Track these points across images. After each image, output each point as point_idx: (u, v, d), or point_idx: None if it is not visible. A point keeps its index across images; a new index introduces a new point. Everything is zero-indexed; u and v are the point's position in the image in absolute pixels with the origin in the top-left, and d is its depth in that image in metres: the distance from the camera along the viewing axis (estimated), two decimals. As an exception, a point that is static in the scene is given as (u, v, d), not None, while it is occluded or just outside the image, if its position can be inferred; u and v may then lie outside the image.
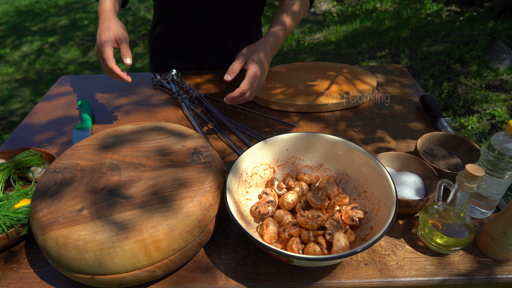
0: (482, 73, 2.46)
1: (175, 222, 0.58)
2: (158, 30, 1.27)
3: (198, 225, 0.61)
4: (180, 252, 0.60)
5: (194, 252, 0.63)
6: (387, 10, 3.99)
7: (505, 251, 0.63)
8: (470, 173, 0.57)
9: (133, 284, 0.59)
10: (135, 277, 0.58)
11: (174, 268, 0.61)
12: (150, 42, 1.32)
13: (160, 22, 1.25)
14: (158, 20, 1.26)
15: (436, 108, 0.98)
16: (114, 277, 0.57)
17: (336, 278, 0.62)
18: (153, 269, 0.58)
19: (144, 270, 0.57)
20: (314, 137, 0.77)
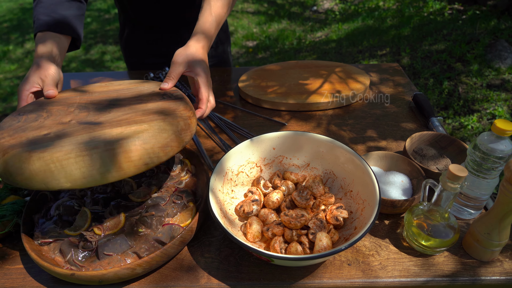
0: (483, 72, 2.44)
1: (147, 136, 0.56)
2: (127, 32, 1.25)
3: (170, 143, 0.59)
4: (161, 250, 0.60)
5: (175, 250, 0.63)
6: (390, 9, 3.96)
7: (489, 252, 0.62)
8: (453, 174, 0.56)
9: (114, 281, 0.59)
10: (115, 275, 0.58)
11: (155, 266, 0.61)
12: (122, 45, 1.30)
13: (127, 24, 1.24)
14: (125, 22, 1.25)
15: (428, 108, 0.97)
16: (94, 274, 0.57)
17: (318, 278, 0.62)
18: (133, 267, 0.58)
19: (124, 268, 0.57)
20: (301, 136, 0.76)
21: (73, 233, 0.66)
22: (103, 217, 0.69)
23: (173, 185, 0.76)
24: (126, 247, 0.63)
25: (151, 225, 0.67)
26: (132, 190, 0.75)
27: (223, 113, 1.04)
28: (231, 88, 1.17)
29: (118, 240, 0.63)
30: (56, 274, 0.59)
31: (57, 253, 0.64)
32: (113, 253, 0.62)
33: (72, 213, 0.69)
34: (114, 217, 0.68)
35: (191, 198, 0.73)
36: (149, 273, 0.63)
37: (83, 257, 0.62)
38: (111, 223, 0.67)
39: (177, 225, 0.67)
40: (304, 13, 4.37)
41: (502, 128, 0.60)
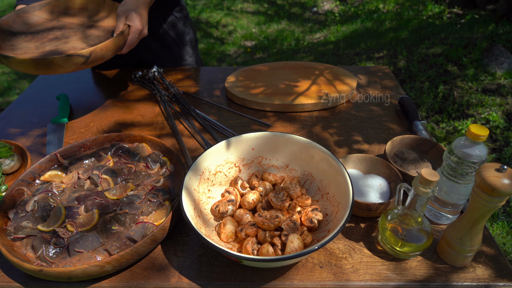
0: (479, 76, 2.43)
1: None
2: None
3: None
4: (131, 248, 0.59)
5: (147, 249, 0.62)
6: (389, 11, 3.96)
7: (462, 258, 0.62)
8: (425, 178, 0.56)
9: (82, 278, 0.59)
10: (83, 272, 0.57)
11: (125, 264, 0.61)
12: None
13: None
14: None
15: (413, 111, 0.97)
16: (62, 271, 0.57)
17: (289, 279, 0.62)
18: (102, 264, 0.58)
19: (93, 265, 0.57)
20: (280, 137, 0.76)
21: (45, 229, 0.66)
22: (77, 214, 0.69)
23: (150, 183, 0.76)
24: (97, 244, 0.63)
25: (124, 223, 0.66)
26: (109, 188, 0.74)
27: (208, 113, 1.04)
28: (218, 87, 1.17)
29: (90, 237, 0.63)
30: (25, 269, 0.59)
31: (29, 249, 0.64)
32: (84, 250, 0.62)
33: (47, 209, 0.69)
34: (88, 214, 0.68)
35: (168, 197, 0.73)
36: (120, 271, 0.63)
37: (54, 253, 0.62)
38: (85, 220, 0.67)
39: (150, 223, 0.67)
40: (304, 14, 4.37)
41: (476, 134, 0.59)
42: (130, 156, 0.82)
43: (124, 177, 0.77)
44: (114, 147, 0.84)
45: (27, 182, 0.75)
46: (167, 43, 1.22)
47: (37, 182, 0.77)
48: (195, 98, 1.10)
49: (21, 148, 0.85)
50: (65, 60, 0.82)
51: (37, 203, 0.69)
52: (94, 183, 0.76)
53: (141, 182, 0.76)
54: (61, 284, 0.61)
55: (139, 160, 0.81)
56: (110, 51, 0.89)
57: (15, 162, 0.82)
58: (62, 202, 0.72)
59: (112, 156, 0.83)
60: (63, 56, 0.82)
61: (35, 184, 0.76)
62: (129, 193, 0.73)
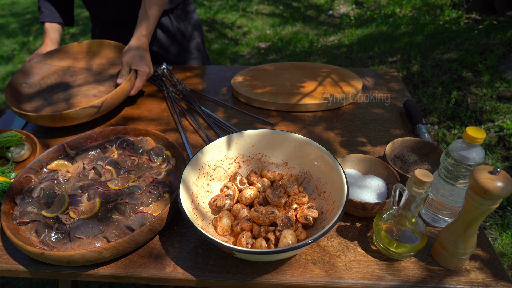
0: (494, 83, 2.38)
1: None
2: (98, 32, 1.30)
3: None
4: (128, 237, 0.61)
5: (144, 238, 0.64)
6: (405, 16, 3.92)
7: (456, 261, 0.62)
8: (419, 179, 0.56)
9: (81, 263, 0.61)
10: (82, 257, 0.60)
11: (123, 251, 0.63)
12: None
13: (97, 24, 1.29)
14: (95, 22, 1.31)
15: (417, 114, 0.96)
16: (62, 255, 0.59)
17: (281, 274, 0.63)
18: (100, 250, 0.60)
19: (91, 251, 0.59)
20: (279, 135, 0.77)
21: (49, 215, 0.68)
22: (80, 202, 0.71)
23: (152, 175, 0.78)
24: (97, 231, 0.66)
25: (124, 212, 0.69)
26: (112, 178, 0.77)
27: (213, 110, 1.05)
28: (225, 86, 1.18)
29: (90, 225, 0.66)
30: (27, 252, 0.61)
31: (33, 233, 0.67)
32: (84, 236, 0.65)
33: (52, 196, 0.72)
34: (90, 203, 0.70)
35: (167, 190, 0.75)
36: (118, 258, 0.65)
37: (56, 238, 0.65)
38: (87, 208, 0.69)
39: (149, 214, 0.69)
40: (319, 16, 4.36)
41: (473, 136, 0.59)
42: (134, 149, 0.85)
43: (127, 168, 0.80)
44: (119, 139, 0.87)
45: (35, 170, 0.79)
46: (173, 35, 1.27)
47: (44, 170, 0.80)
48: (202, 95, 1.12)
49: (31, 137, 0.88)
50: (79, 112, 0.89)
51: (43, 190, 0.72)
52: (98, 173, 0.78)
53: (143, 174, 0.79)
54: (61, 268, 0.63)
55: (142, 153, 0.84)
56: (120, 97, 0.96)
57: (25, 151, 0.86)
58: (66, 190, 0.74)
59: (117, 148, 0.86)
60: (77, 110, 0.89)
61: (42, 172, 0.80)
62: (130, 184, 0.75)
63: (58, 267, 0.63)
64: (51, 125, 0.92)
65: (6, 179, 0.77)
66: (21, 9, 5.19)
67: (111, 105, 0.95)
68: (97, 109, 0.91)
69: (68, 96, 1.02)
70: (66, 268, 0.63)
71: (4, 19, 4.85)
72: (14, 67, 3.59)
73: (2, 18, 4.87)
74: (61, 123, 0.91)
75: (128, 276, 0.63)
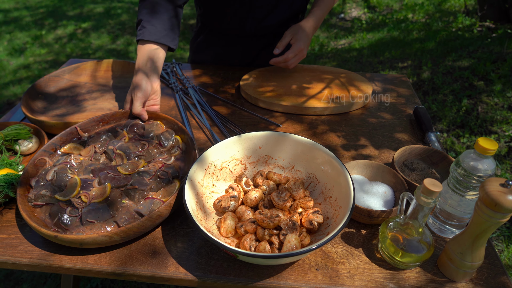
0: (506, 93, 2.35)
1: None
2: (201, 38, 1.29)
3: None
4: (138, 222, 0.62)
5: (152, 223, 0.65)
6: (418, 21, 3.88)
7: (462, 273, 0.60)
8: (427, 188, 0.55)
9: (93, 246, 0.63)
10: (93, 240, 0.61)
11: (132, 236, 0.64)
12: (192, 48, 1.35)
13: (203, 30, 1.28)
14: (201, 28, 1.28)
15: (427, 122, 0.95)
16: (75, 238, 0.61)
17: (284, 279, 0.62)
18: (110, 235, 0.61)
19: (102, 235, 0.61)
20: (286, 137, 0.77)
21: (62, 199, 0.70)
22: (91, 186, 0.72)
23: (161, 161, 0.79)
24: (107, 216, 0.67)
25: (133, 198, 0.70)
26: (122, 163, 0.78)
27: (220, 109, 1.05)
28: (233, 86, 1.18)
29: (101, 209, 0.67)
30: (42, 234, 0.63)
31: (47, 216, 0.68)
32: (95, 220, 0.66)
33: (65, 180, 0.73)
34: (101, 187, 0.71)
35: (177, 175, 0.76)
36: (129, 242, 0.67)
37: (68, 221, 0.66)
38: (98, 192, 0.71)
39: (158, 199, 0.70)
40: (330, 19, 4.34)
41: (485, 147, 0.58)
42: (145, 133, 0.86)
43: (137, 153, 0.81)
44: (130, 123, 0.88)
45: (49, 152, 0.81)
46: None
47: (58, 153, 0.82)
48: (210, 94, 1.12)
49: (39, 130, 0.89)
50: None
51: (56, 174, 0.73)
52: (109, 158, 0.80)
53: (153, 160, 0.80)
54: (73, 251, 0.65)
55: (152, 138, 0.85)
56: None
57: (33, 144, 0.86)
58: (79, 174, 0.76)
59: (128, 132, 0.87)
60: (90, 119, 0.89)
61: (56, 155, 0.82)
62: (140, 169, 0.76)
63: (70, 249, 0.66)
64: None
65: (13, 171, 0.77)
66: (35, 3, 5.25)
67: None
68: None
69: (83, 109, 1.04)
70: (78, 250, 0.66)
71: (18, 12, 4.90)
72: (25, 59, 3.63)
73: (16, 11, 4.92)
74: None
75: (130, 274, 0.63)
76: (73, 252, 0.66)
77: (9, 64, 3.56)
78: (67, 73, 1.15)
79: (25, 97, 1.00)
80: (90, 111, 1.02)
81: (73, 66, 1.16)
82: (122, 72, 1.18)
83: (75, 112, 1.02)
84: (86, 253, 0.65)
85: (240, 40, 1.23)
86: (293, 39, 1.04)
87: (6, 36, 4.13)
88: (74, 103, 1.06)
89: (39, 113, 1.00)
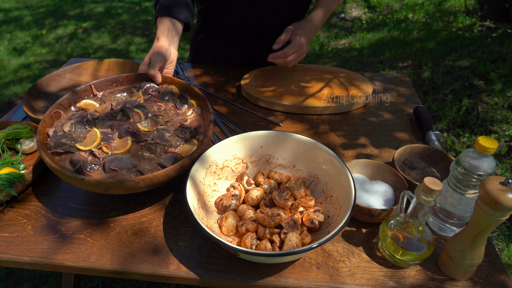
0: (506, 92, 2.35)
1: None
2: (202, 36, 1.30)
3: None
4: (163, 171, 0.64)
5: (176, 173, 0.68)
6: (418, 21, 3.88)
7: (462, 271, 0.61)
8: (428, 187, 0.56)
9: (118, 191, 0.65)
10: (120, 184, 0.63)
11: (157, 184, 0.66)
12: (193, 46, 1.35)
13: (204, 28, 1.28)
14: (202, 26, 1.29)
15: (428, 121, 0.95)
16: (102, 181, 0.62)
17: (284, 277, 0.62)
18: (137, 181, 0.63)
19: (130, 180, 0.62)
20: (287, 137, 0.77)
21: (83, 148, 0.72)
22: (112, 139, 0.74)
23: (179, 121, 0.81)
24: (131, 165, 0.69)
25: (155, 152, 0.72)
26: (140, 120, 0.80)
27: (221, 109, 1.05)
28: (234, 85, 1.18)
29: (124, 159, 0.69)
30: (67, 177, 0.64)
31: (67, 163, 0.70)
32: (119, 168, 0.68)
33: (83, 131, 0.75)
34: (122, 140, 0.74)
35: (194, 135, 0.78)
36: (151, 191, 0.71)
37: (90, 169, 0.68)
38: (119, 144, 0.73)
39: (179, 154, 0.72)
40: (330, 19, 4.35)
41: (484, 146, 0.58)
42: (160, 96, 0.87)
43: (154, 113, 0.82)
44: (145, 85, 0.89)
45: (63, 106, 0.82)
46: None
47: (72, 108, 0.83)
48: (211, 94, 1.12)
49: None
50: None
51: (74, 125, 0.75)
52: (126, 116, 0.81)
53: (170, 120, 0.82)
54: (74, 250, 0.65)
55: (168, 100, 0.87)
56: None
57: (34, 143, 0.86)
58: (97, 127, 0.78)
59: (143, 93, 0.88)
60: None
61: (70, 109, 0.83)
62: (159, 127, 0.78)
63: (93, 194, 0.69)
64: None
65: (15, 170, 0.78)
66: (35, 2, 5.26)
67: None
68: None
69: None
70: (100, 196, 0.69)
71: (19, 11, 4.91)
72: (26, 59, 3.63)
73: (17, 11, 4.93)
74: None
75: (131, 272, 0.63)
76: (75, 251, 0.66)
77: (10, 63, 3.56)
78: (68, 73, 1.16)
79: (26, 97, 1.00)
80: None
81: (74, 66, 1.16)
82: (123, 72, 1.19)
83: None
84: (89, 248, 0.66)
85: (240, 39, 1.23)
86: (294, 35, 1.03)
87: (6, 36, 4.14)
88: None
89: (41, 112, 1.00)
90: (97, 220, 0.72)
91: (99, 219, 0.72)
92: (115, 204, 0.75)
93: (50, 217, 0.73)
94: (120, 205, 0.75)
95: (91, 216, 0.73)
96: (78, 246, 0.67)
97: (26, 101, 0.98)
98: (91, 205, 0.75)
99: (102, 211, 0.74)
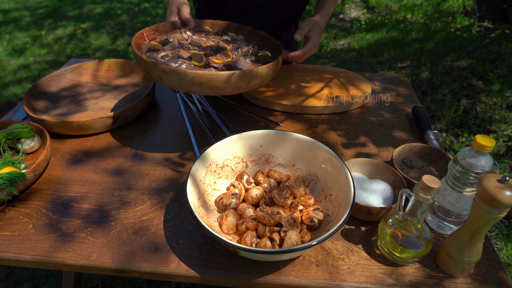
0: (505, 93, 2.36)
1: None
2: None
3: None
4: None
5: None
6: (417, 22, 3.90)
7: (460, 268, 0.61)
8: (426, 184, 0.56)
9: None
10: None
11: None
12: None
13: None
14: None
15: (426, 120, 0.96)
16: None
17: (284, 275, 0.63)
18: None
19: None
20: (287, 136, 0.78)
21: (198, 64, 0.84)
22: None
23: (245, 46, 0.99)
24: (248, 65, 0.87)
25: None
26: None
27: (221, 109, 1.06)
28: (234, 85, 1.19)
29: (241, 60, 0.87)
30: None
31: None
32: (243, 67, 0.85)
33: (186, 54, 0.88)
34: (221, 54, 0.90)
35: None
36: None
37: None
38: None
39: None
40: (329, 20, 4.36)
41: (482, 144, 0.59)
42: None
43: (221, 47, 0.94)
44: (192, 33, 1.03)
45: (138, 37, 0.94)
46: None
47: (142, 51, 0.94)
48: (211, 94, 1.13)
49: (41, 129, 0.89)
50: (95, 122, 0.91)
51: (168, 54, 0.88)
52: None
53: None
54: (75, 249, 0.64)
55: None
56: (137, 111, 0.99)
57: (35, 143, 0.87)
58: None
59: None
60: (94, 119, 0.90)
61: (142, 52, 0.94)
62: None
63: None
64: (67, 132, 0.93)
65: (16, 170, 0.78)
66: (34, 3, 5.26)
67: (128, 117, 0.98)
68: (114, 120, 0.94)
69: (85, 108, 1.04)
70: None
71: (18, 12, 4.91)
72: (25, 60, 3.63)
73: (16, 11, 4.93)
74: (77, 131, 0.92)
75: (132, 271, 0.64)
76: (76, 249, 0.66)
77: (9, 64, 3.56)
78: (68, 73, 1.16)
79: (27, 97, 1.00)
80: (91, 110, 1.03)
81: (75, 66, 1.17)
82: (123, 72, 1.19)
83: (77, 111, 1.02)
84: (90, 246, 0.66)
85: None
86: (311, 32, 1.02)
87: (6, 36, 4.14)
88: (76, 103, 1.06)
89: (41, 112, 1.01)
90: (98, 219, 0.73)
91: (100, 218, 0.73)
92: (116, 203, 0.76)
93: (51, 216, 0.73)
94: (121, 204, 0.76)
95: (92, 215, 0.73)
96: (79, 244, 0.67)
97: (26, 101, 0.99)
98: (92, 204, 0.76)
99: (103, 210, 0.74)
